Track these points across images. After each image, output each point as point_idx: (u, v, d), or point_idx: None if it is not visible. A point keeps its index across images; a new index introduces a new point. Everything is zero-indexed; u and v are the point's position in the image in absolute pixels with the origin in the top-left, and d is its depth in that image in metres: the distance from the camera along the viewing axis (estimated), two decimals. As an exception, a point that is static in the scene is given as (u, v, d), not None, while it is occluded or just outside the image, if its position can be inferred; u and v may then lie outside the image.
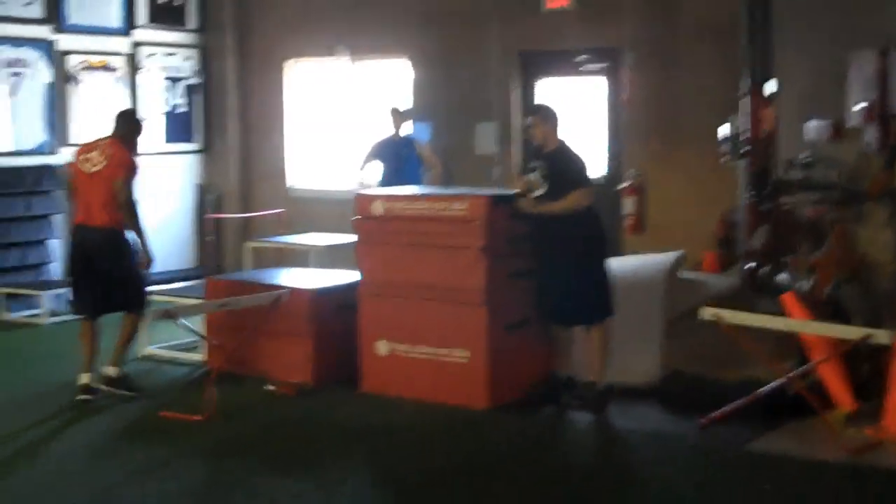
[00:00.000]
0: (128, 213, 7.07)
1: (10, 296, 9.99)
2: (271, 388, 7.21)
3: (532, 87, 10.42)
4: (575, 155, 6.89)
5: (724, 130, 8.41)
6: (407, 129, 9.48)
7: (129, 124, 7.35)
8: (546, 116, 6.94)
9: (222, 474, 5.81)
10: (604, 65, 10.13)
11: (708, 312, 6.40)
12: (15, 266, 10.21)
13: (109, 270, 7.11)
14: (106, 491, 5.52)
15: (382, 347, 7.13)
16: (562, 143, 6.90)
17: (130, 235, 7.18)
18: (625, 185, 9.42)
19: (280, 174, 11.84)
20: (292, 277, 8.05)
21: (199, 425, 6.52)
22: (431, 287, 6.97)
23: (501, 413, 6.70)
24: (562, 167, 6.78)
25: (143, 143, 7.53)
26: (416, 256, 7.07)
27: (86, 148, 7.30)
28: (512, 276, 6.90)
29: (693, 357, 7.03)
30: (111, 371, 7.24)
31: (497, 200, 6.98)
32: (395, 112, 9.54)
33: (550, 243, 6.82)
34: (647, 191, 9.36)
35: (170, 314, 6.87)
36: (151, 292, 8.01)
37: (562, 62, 10.31)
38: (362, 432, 6.46)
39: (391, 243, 7.19)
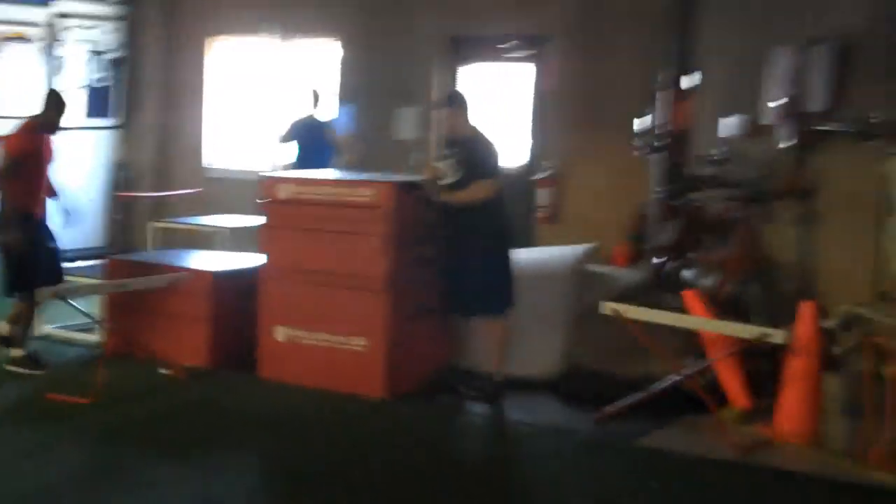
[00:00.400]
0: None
1: None
2: (166, 371, 7.06)
3: (457, 73, 10.30)
4: (490, 145, 6.77)
5: (641, 123, 8.34)
6: (325, 111, 9.31)
7: (44, 107, 7.16)
8: (458, 104, 6.83)
9: (105, 459, 5.66)
10: (531, 52, 10.02)
11: (608, 307, 6.35)
12: None
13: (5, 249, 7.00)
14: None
15: (281, 333, 7.00)
16: (476, 132, 6.79)
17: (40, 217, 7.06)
18: (541, 175, 9.35)
19: (197, 153, 11.61)
20: (194, 259, 7.90)
21: (87, 408, 6.35)
22: (333, 273, 6.85)
23: (398, 403, 6.62)
24: (475, 156, 6.67)
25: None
26: (319, 241, 6.93)
27: None
28: (414, 262, 6.80)
29: (596, 351, 6.98)
30: (13, 352, 7.15)
31: (405, 187, 6.87)
32: (314, 93, 9.38)
33: (455, 233, 6.72)
34: (562, 182, 9.28)
35: (59, 294, 6.69)
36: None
37: (490, 48, 10.20)
38: (254, 419, 6.35)
39: (296, 227, 7.05)
